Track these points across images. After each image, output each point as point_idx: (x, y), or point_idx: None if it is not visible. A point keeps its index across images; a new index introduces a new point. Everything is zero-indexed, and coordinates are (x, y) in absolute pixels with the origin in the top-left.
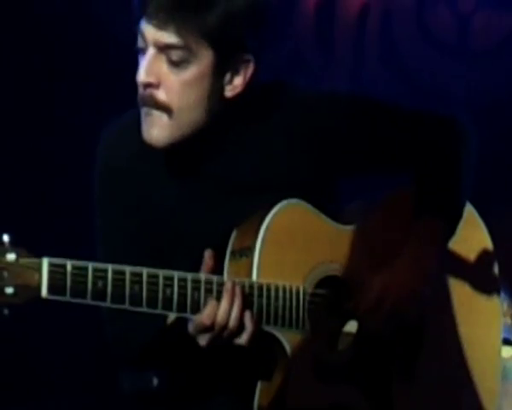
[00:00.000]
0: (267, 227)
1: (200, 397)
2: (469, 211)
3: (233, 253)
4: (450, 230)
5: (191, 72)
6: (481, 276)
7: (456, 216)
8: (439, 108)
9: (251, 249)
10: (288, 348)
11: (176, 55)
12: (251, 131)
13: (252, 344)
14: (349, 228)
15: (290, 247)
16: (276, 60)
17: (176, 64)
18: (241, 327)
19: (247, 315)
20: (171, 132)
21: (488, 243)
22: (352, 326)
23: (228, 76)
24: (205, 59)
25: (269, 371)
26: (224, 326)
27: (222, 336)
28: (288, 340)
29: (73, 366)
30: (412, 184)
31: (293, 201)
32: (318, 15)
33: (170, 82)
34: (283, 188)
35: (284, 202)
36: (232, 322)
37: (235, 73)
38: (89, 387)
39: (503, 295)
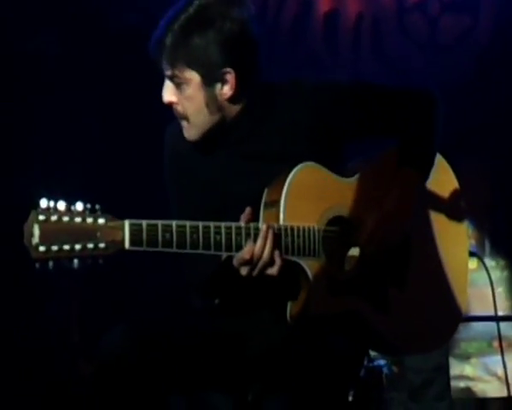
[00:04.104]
0: (289, 184)
1: (248, 311)
2: (440, 160)
3: (265, 204)
4: (425, 175)
5: (188, 91)
6: (452, 208)
7: (429, 165)
8: (414, 85)
9: (278, 202)
10: (308, 271)
11: (175, 81)
12: (275, 118)
13: (280, 274)
14: (351, 180)
15: (307, 197)
16: (295, 60)
17: (178, 86)
18: (272, 261)
19: (277, 252)
20: (194, 132)
21: (456, 184)
22: (354, 251)
23: (218, 86)
24: (194, 80)
25: (296, 291)
26: (259, 258)
27: (257, 267)
28: (308, 265)
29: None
30: (397, 144)
31: (309, 163)
32: (326, 24)
33: (180, 99)
34: (302, 156)
35: (301, 165)
36: (266, 255)
37: (223, 82)
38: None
39: (467, 222)
